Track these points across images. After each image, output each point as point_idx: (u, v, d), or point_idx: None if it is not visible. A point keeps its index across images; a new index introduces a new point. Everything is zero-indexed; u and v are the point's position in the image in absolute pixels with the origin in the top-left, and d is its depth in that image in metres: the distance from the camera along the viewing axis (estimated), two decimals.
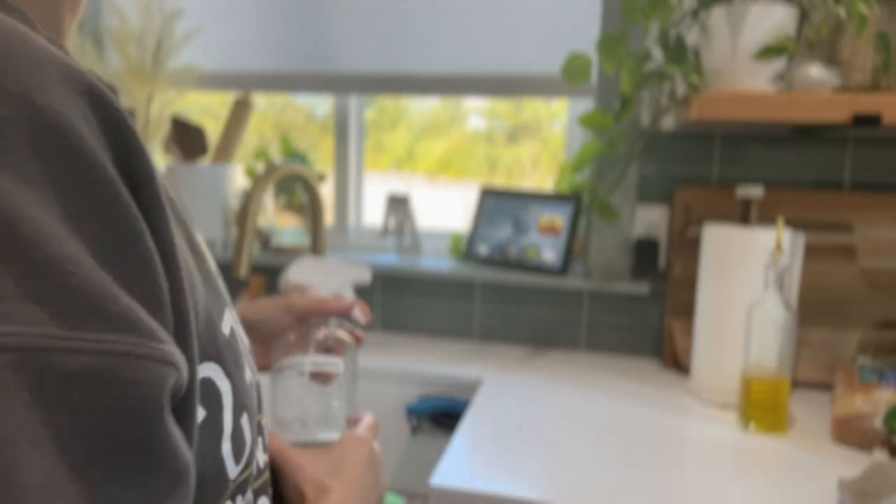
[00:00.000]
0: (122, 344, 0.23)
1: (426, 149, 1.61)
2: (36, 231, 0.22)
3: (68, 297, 0.22)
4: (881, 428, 0.89)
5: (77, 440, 0.22)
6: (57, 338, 0.22)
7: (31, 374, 0.21)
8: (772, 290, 0.96)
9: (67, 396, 0.22)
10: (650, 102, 1.25)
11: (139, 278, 0.25)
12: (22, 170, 0.22)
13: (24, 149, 0.23)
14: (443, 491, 0.80)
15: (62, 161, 0.23)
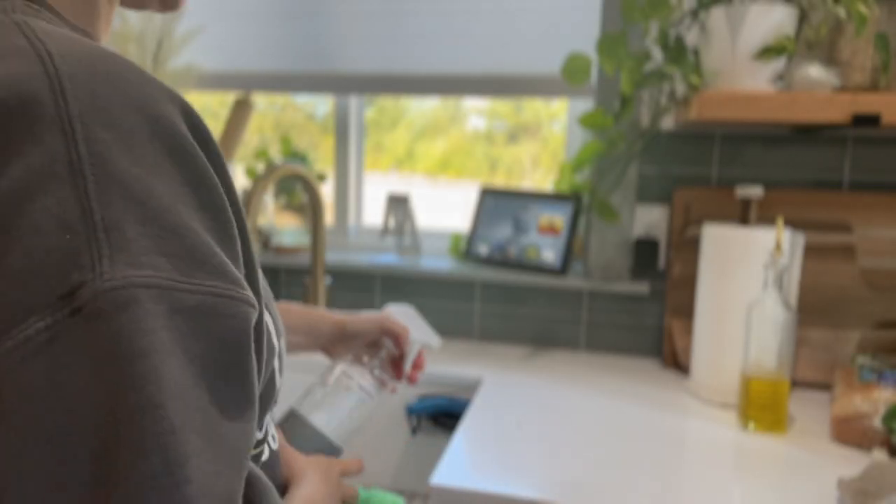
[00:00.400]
0: (221, 288, 0.32)
1: (426, 149, 1.61)
2: (163, 206, 0.30)
3: (185, 254, 0.31)
4: (880, 427, 0.89)
5: (194, 356, 0.30)
6: (178, 281, 0.30)
7: (164, 303, 0.29)
8: (771, 290, 0.96)
9: (187, 323, 0.30)
10: (650, 102, 1.25)
11: (227, 242, 0.34)
12: (150, 161, 0.31)
13: (149, 146, 0.31)
14: (443, 490, 0.80)
15: (177, 156, 0.32)
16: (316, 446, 0.76)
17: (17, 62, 0.30)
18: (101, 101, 0.30)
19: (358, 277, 1.47)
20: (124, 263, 0.29)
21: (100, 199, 0.29)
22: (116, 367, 0.28)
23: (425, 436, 1.24)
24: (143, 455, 0.28)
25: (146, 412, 0.28)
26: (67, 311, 0.27)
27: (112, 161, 0.29)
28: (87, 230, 0.28)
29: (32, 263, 0.27)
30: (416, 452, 1.25)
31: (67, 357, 0.27)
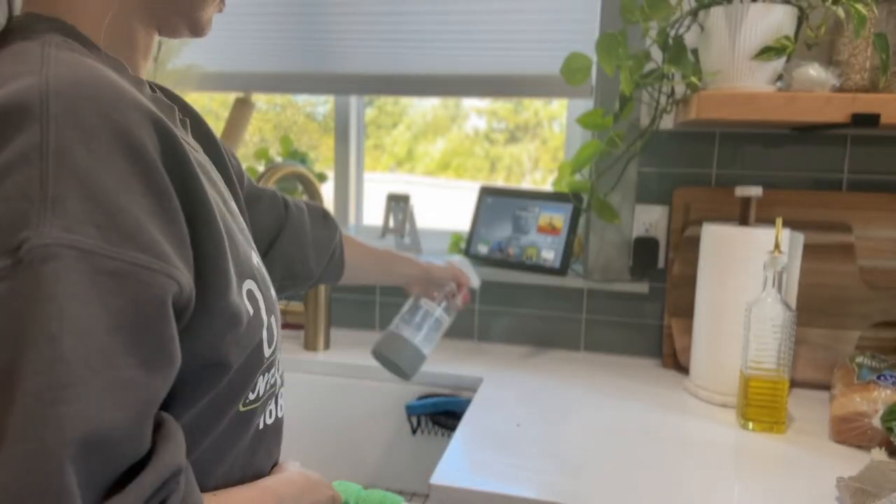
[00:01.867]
0: (143, 260, 0.39)
1: (426, 149, 1.61)
2: (105, 190, 0.38)
3: (115, 228, 0.38)
4: (879, 427, 0.89)
5: (111, 310, 0.37)
6: (103, 248, 0.37)
7: (87, 263, 0.36)
8: (770, 290, 0.97)
9: (105, 284, 0.37)
10: (650, 102, 1.25)
11: (170, 225, 0.41)
12: (104, 156, 0.38)
13: (105, 145, 0.39)
14: (443, 490, 0.80)
15: (130, 154, 0.40)
16: (409, 354, 1.03)
17: (25, 81, 0.40)
18: (74, 109, 0.39)
19: None
20: (59, 228, 0.36)
21: (55, 179, 0.37)
22: (29, 305, 0.35)
23: (425, 436, 1.24)
24: (33, 375, 0.34)
25: (42, 342, 0.35)
26: (11, 261, 0.36)
27: (71, 152, 0.38)
28: (40, 201, 0.36)
29: (1, 220, 0.36)
30: (416, 452, 1.25)
31: (3, 296, 0.35)
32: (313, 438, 1.30)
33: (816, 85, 0.99)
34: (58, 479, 0.34)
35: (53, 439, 0.34)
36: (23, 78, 0.40)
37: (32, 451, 0.34)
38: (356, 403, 1.27)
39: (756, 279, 1.03)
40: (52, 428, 0.34)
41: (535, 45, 1.36)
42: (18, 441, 0.33)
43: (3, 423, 0.34)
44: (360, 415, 1.27)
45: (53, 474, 0.34)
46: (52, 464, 0.34)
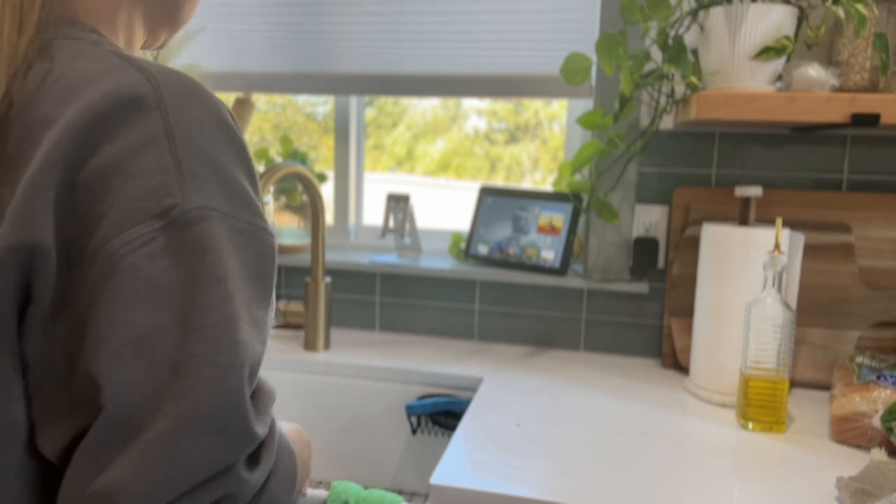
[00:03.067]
0: (258, 223, 0.47)
1: (426, 149, 1.61)
2: (223, 166, 0.46)
3: (237, 197, 0.46)
4: (879, 427, 0.89)
5: (244, 261, 0.45)
6: (232, 213, 0.45)
7: (225, 224, 0.44)
8: (770, 290, 0.97)
9: (239, 240, 0.45)
10: (649, 102, 1.25)
11: (257, 197, 0.49)
12: (213, 139, 0.46)
13: (212, 128, 0.46)
14: (443, 490, 0.80)
15: (230, 138, 0.47)
16: None
17: (125, 74, 0.45)
18: (182, 100, 0.45)
19: (358, 277, 1.47)
20: (200, 196, 0.43)
21: (184, 156, 0.44)
22: (195, 256, 0.42)
23: (425, 436, 1.25)
24: (210, 310, 0.42)
25: (213, 283, 0.42)
26: (164, 222, 0.42)
27: (190, 134, 0.45)
28: (176, 173, 0.43)
29: (143, 191, 0.42)
30: (416, 452, 1.25)
31: (161, 250, 0.41)
32: (313, 438, 1.30)
33: (816, 85, 0.99)
34: (241, 394, 0.41)
35: (235, 362, 0.41)
36: (121, 73, 0.45)
37: (218, 372, 0.41)
38: (356, 403, 1.27)
39: (756, 279, 1.03)
40: (232, 353, 0.41)
41: (535, 45, 1.36)
42: (205, 364, 0.40)
43: (183, 353, 0.40)
44: (360, 415, 1.27)
45: (238, 391, 0.41)
46: (235, 382, 0.41)
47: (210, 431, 0.40)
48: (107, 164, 0.42)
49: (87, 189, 0.42)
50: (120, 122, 0.43)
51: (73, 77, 0.45)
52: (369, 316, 1.48)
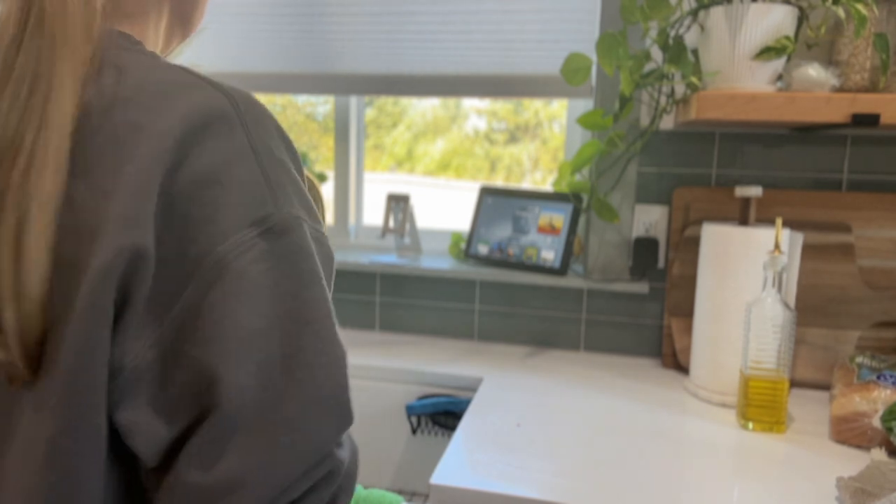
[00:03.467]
0: (322, 230, 0.51)
1: (426, 149, 1.61)
2: (295, 178, 0.49)
3: (308, 207, 0.49)
4: (879, 427, 0.89)
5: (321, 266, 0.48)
6: (309, 221, 0.49)
7: (308, 231, 0.48)
8: (770, 290, 0.97)
9: (315, 244, 0.48)
10: (649, 102, 1.25)
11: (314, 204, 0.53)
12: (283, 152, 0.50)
13: (280, 143, 0.50)
14: (443, 490, 0.80)
15: (291, 152, 0.51)
16: None
17: (208, 90, 0.49)
18: (256, 117, 0.49)
19: (358, 277, 1.47)
20: (288, 205, 0.47)
21: (269, 168, 0.47)
22: (296, 260, 0.46)
23: (425, 436, 1.25)
24: (316, 307, 0.46)
25: (315, 284, 0.47)
26: (262, 229, 0.45)
27: (269, 148, 0.48)
28: (266, 184, 0.47)
29: (241, 200, 0.45)
30: (416, 452, 1.25)
31: (264, 255, 0.45)
32: None
33: (816, 85, 0.99)
34: (347, 380, 0.46)
35: (341, 352, 0.46)
36: (204, 89, 0.50)
37: (333, 361, 0.45)
38: (356, 403, 1.27)
39: (756, 279, 1.03)
40: (338, 344, 0.46)
41: (534, 45, 1.36)
42: (321, 354, 0.45)
43: (298, 344, 0.44)
44: (360, 415, 1.27)
45: (345, 377, 0.46)
46: (344, 369, 0.46)
47: (328, 415, 0.45)
48: (204, 173, 0.45)
49: (186, 197, 0.44)
50: (212, 135, 0.46)
51: (158, 87, 0.48)
52: (369, 316, 1.48)
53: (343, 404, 0.46)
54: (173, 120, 0.45)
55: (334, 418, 0.45)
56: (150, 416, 0.43)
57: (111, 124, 0.45)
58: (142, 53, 0.53)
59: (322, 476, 0.45)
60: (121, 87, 0.47)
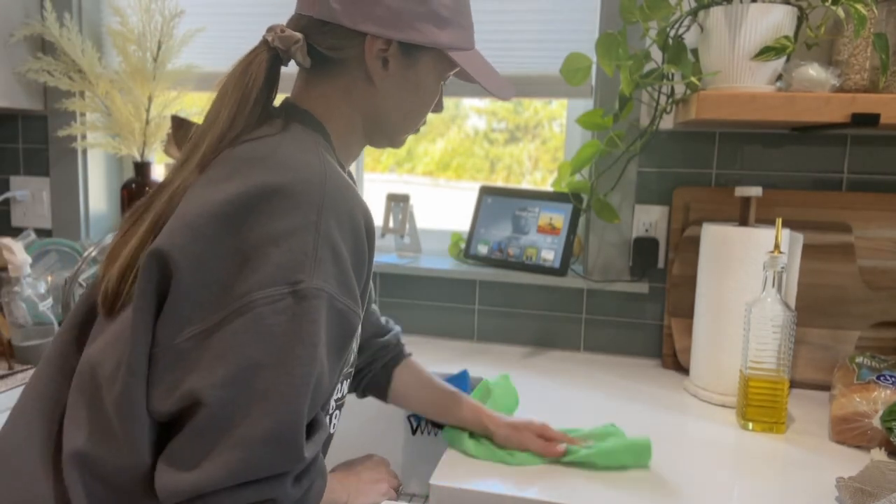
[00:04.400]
0: (353, 307, 0.62)
1: (426, 149, 1.61)
2: (343, 259, 0.61)
3: (345, 284, 0.61)
4: (879, 427, 0.89)
5: (331, 335, 0.60)
6: (338, 295, 0.60)
7: (329, 303, 0.59)
8: (770, 290, 0.97)
9: (335, 317, 0.60)
10: (649, 102, 1.25)
11: (360, 283, 0.65)
12: (344, 237, 0.62)
13: (347, 231, 0.62)
14: (443, 490, 0.80)
15: (355, 239, 0.63)
16: None
17: (312, 170, 0.63)
18: (335, 205, 0.61)
19: None
20: (320, 278, 0.59)
21: (321, 246, 0.59)
22: (304, 321, 0.58)
23: (425, 436, 1.25)
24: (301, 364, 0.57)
25: (309, 345, 0.58)
26: (292, 290, 0.58)
27: (331, 232, 0.60)
28: (311, 258, 0.59)
29: (286, 263, 0.58)
30: (416, 453, 1.25)
31: (284, 310, 0.57)
32: None
33: (816, 85, 0.99)
34: (300, 426, 0.58)
35: (302, 404, 0.57)
36: (309, 170, 0.62)
37: (291, 408, 0.57)
38: (356, 404, 1.27)
39: (756, 279, 1.03)
40: (302, 398, 0.57)
41: (535, 45, 1.36)
42: (284, 400, 0.57)
43: (273, 384, 0.57)
44: (361, 415, 1.27)
45: (299, 423, 0.58)
46: (298, 418, 0.57)
47: (277, 443, 0.57)
48: (269, 234, 0.59)
49: (248, 246, 0.59)
50: (289, 205, 0.60)
51: (284, 153, 0.64)
52: None
53: (291, 440, 0.57)
54: (268, 181, 0.60)
55: (281, 448, 0.57)
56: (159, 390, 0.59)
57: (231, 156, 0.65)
58: (303, 130, 0.70)
59: (261, 500, 0.58)
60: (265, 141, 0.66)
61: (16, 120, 1.62)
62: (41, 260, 1.39)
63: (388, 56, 0.72)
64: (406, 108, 0.77)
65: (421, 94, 0.76)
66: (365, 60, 0.71)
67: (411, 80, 0.75)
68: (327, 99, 0.73)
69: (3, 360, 1.20)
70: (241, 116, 0.68)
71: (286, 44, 0.72)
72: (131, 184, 1.59)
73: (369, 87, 0.73)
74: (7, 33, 1.49)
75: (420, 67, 0.74)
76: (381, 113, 0.75)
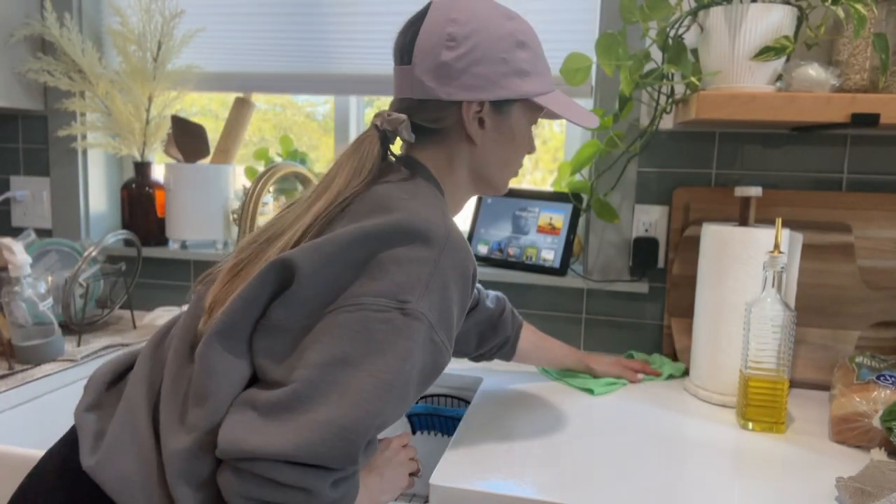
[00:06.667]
0: (446, 344, 0.69)
1: None
2: (449, 296, 0.68)
3: (445, 320, 0.68)
4: (879, 427, 0.89)
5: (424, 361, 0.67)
6: (437, 327, 0.67)
7: (428, 330, 0.66)
8: (770, 290, 0.97)
9: (429, 346, 0.67)
10: (649, 102, 1.25)
11: (458, 323, 0.72)
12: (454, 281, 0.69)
13: (458, 275, 0.70)
14: (443, 490, 0.80)
15: (462, 287, 0.71)
16: None
17: (437, 220, 0.70)
18: (454, 250, 0.69)
19: None
20: (426, 306, 0.66)
21: (433, 279, 0.67)
22: (400, 335, 0.64)
23: (425, 436, 1.25)
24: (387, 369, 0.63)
25: (399, 358, 0.63)
26: (399, 307, 0.64)
27: (445, 271, 0.68)
28: (423, 285, 0.66)
29: (401, 282, 0.65)
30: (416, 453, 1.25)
31: (387, 319, 0.64)
32: None
33: (816, 85, 0.99)
34: (365, 431, 0.61)
35: (376, 411, 0.61)
36: (435, 217, 0.70)
37: (368, 410, 0.61)
38: None
39: (756, 279, 1.03)
40: (378, 403, 0.62)
41: None
42: (364, 399, 0.61)
43: (357, 382, 0.61)
44: None
45: (367, 429, 0.61)
46: (369, 422, 0.61)
47: (341, 437, 0.60)
48: (397, 256, 0.67)
49: (375, 261, 0.67)
50: (419, 240, 0.67)
51: (419, 198, 0.73)
52: None
53: (352, 441, 0.60)
54: (407, 218, 0.68)
55: (340, 444, 0.60)
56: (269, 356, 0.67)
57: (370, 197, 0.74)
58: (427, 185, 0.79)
59: (302, 486, 0.60)
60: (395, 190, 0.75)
61: (16, 120, 1.62)
62: (41, 260, 1.39)
63: (482, 116, 0.80)
64: (505, 157, 0.85)
65: (517, 141, 0.85)
66: (464, 125, 0.80)
67: (506, 132, 0.83)
68: (435, 160, 0.82)
69: (3, 360, 1.20)
70: (356, 181, 0.76)
71: (393, 125, 0.79)
72: (131, 184, 1.59)
73: (471, 146, 0.82)
74: (7, 33, 1.49)
75: (513, 119, 0.83)
76: (485, 166, 0.84)
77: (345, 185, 0.76)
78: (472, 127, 0.80)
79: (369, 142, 0.79)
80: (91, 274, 1.38)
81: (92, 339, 1.35)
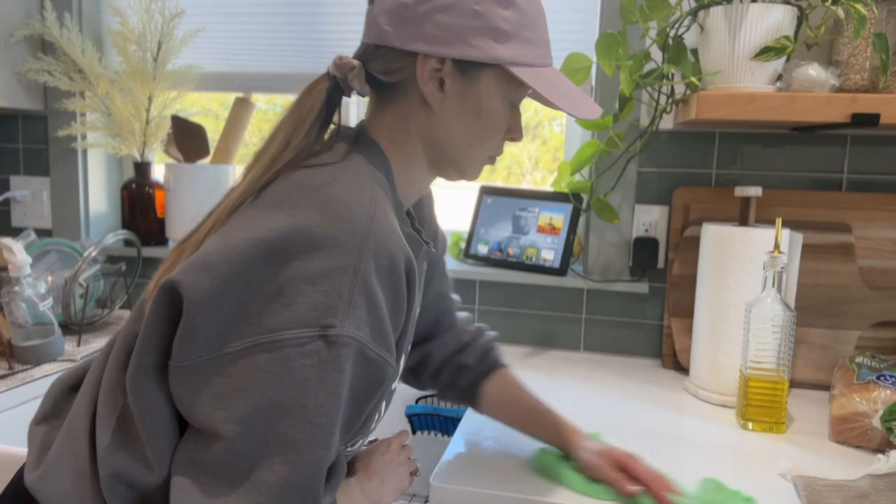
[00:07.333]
0: (386, 356, 0.59)
1: None
2: (378, 305, 0.58)
3: (379, 332, 0.58)
4: (879, 427, 0.89)
5: (359, 383, 0.58)
6: (371, 343, 0.57)
7: (358, 351, 0.57)
8: (770, 290, 0.97)
9: (364, 365, 0.58)
10: (649, 102, 1.25)
11: (395, 330, 0.62)
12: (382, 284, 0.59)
13: (385, 276, 0.59)
14: (443, 490, 0.80)
15: (393, 284, 0.60)
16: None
17: (358, 211, 0.60)
18: (376, 249, 0.58)
19: None
20: (353, 325, 0.56)
21: (356, 291, 0.57)
22: (330, 368, 0.55)
23: (425, 436, 1.25)
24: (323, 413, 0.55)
25: (332, 395, 0.56)
26: (322, 334, 0.55)
27: (368, 276, 0.57)
28: (345, 303, 0.56)
29: (319, 305, 0.56)
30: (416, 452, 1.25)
31: (311, 353, 0.55)
32: None
33: (816, 85, 0.99)
34: (320, 482, 0.56)
35: (323, 457, 0.56)
36: (356, 210, 0.60)
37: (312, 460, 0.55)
38: None
39: (756, 279, 1.03)
40: (322, 450, 0.56)
41: None
42: (305, 450, 0.55)
43: (294, 432, 0.55)
44: None
45: (319, 478, 0.56)
46: (319, 472, 0.56)
47: (294, 492, 0.54)
48: (309, 272, 0.56)
49: (287, 282, 0.56)
50: (330, 245, 0.57)
51: (336, 187, 0.62)
52: None
53: (305, 494, 0.55)
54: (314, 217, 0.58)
55: (296, 500, 0.55)
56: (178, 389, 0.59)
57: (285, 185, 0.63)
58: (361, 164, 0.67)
59: None
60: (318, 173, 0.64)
61: (16, 120, 1.62)
62: (41, 260, 1.39)
63: (443, 76, 0.67)
64: (469, 133, 0.70)
65: (485, 117, 0.70)
66: (418, 82, 0.67)
67: (471, 102, 0.69)
68: (390, 128, 0.70)
69: (3, 360, 1.20)
70: (294, 141, 0.66)
71: (343, 71, 0.69)
72: (131, 184, 1.59)
73: (429, 113, 0.69)
74: (7, 33, 1.49)
75: (481, 88, 0.68)
76: (442, 139, 0.70)
77: (281, 148, 0.65)
78: (427, 86, 0.67)
79: (317, 93, 0.68)
80: (91, 274, 1.38)
81: (92, 340, 1.35)
